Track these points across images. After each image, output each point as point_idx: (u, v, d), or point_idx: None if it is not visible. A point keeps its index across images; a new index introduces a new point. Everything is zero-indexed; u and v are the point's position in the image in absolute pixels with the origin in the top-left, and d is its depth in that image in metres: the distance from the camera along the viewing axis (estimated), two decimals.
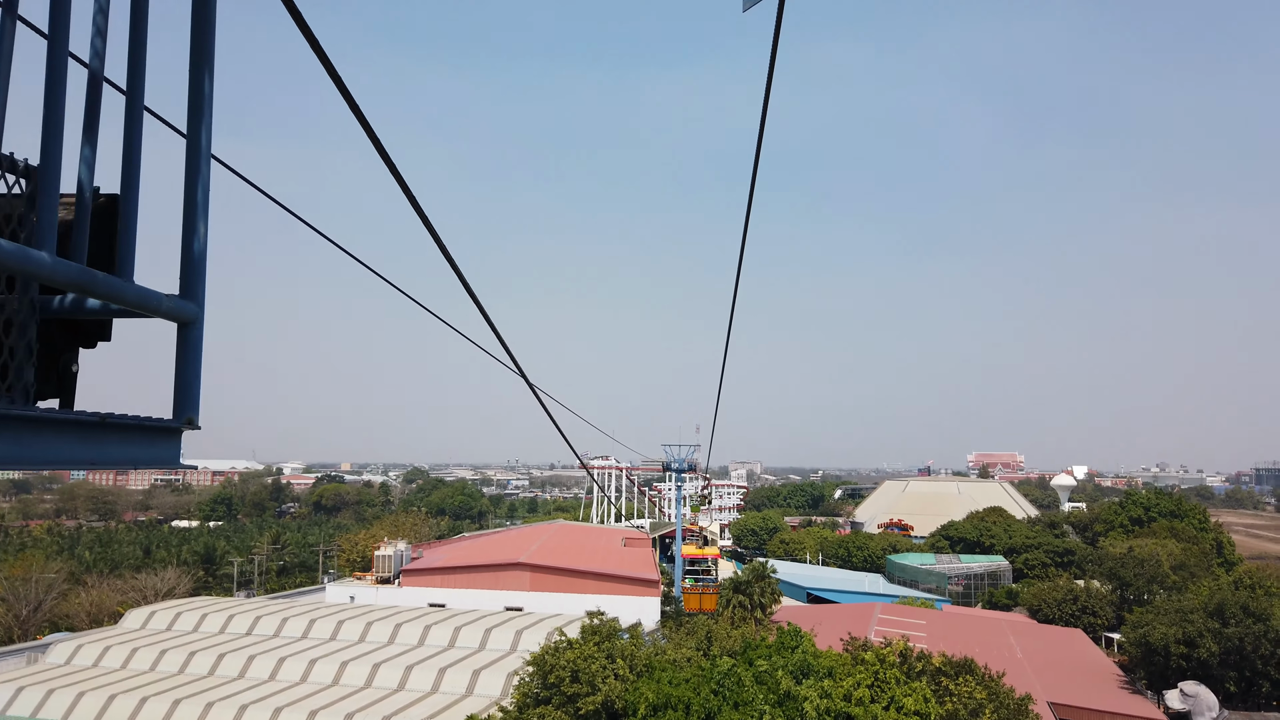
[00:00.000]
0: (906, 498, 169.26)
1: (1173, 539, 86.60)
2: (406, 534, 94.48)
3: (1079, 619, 65.69)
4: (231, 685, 37.70)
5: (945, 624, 62.10)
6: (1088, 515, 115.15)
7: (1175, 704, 43.17)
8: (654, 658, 28.82)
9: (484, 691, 36.33)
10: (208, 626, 45.19)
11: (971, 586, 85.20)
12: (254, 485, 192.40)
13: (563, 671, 26.90)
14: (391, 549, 60.43)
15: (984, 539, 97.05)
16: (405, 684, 37.39)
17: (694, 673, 26.77)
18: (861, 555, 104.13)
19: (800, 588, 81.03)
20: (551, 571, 57.46)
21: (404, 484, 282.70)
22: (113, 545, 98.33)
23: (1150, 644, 45.30)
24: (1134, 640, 47.50)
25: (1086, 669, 51.39)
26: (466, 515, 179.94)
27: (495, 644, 41.45)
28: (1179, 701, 43.06)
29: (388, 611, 47.09)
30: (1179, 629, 44.58)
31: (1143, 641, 46.04)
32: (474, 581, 58.02)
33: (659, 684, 25.53)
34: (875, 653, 24.80)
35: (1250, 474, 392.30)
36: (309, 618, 44.88)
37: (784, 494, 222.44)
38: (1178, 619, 45.43)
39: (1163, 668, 45.94)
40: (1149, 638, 45.16)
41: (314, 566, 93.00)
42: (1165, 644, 44.42)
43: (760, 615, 57.50)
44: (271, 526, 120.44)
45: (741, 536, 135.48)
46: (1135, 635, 47.15)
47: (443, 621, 43.73)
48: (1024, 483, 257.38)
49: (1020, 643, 57.11)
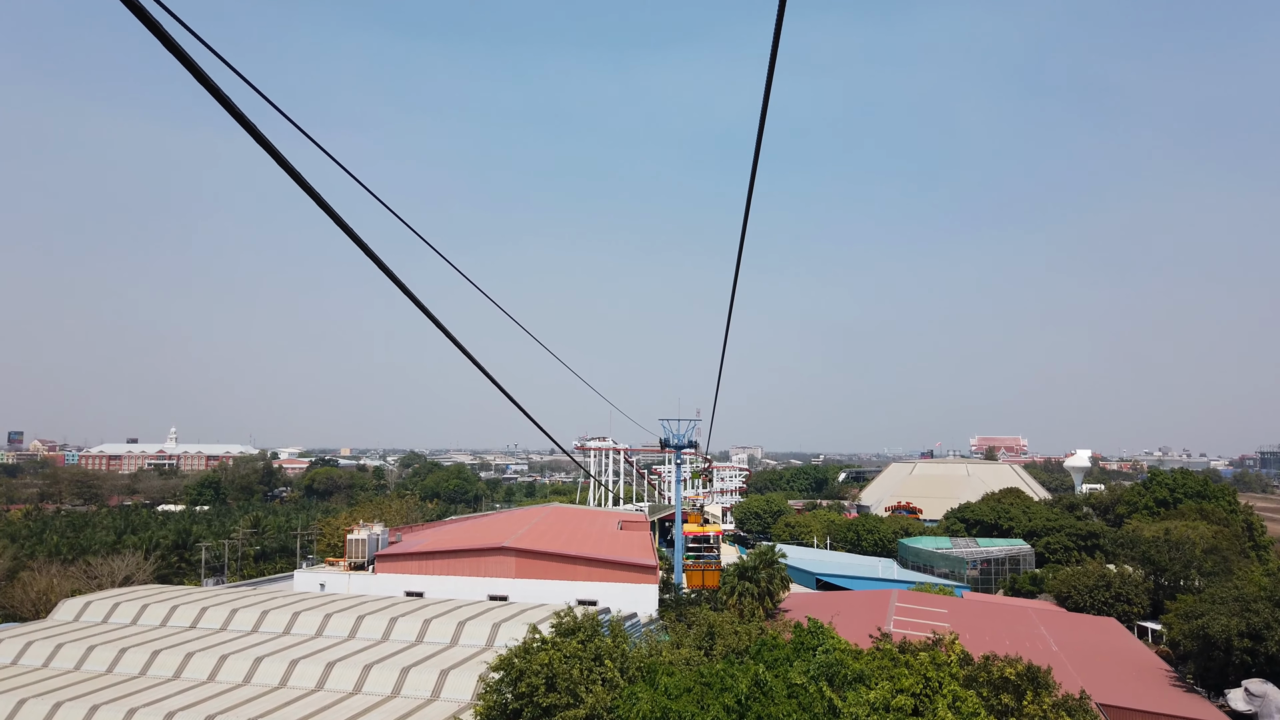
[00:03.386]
0: (914, 480, 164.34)
1: (1203, 521, 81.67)
2: (392, 517, 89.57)
3: (1112, 607, 60.74)
4: (163, 687, 32.70)
5: (969, 613, 57.20)
6: (1108, 497, 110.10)
7: (1240, 705, 38.08)
8: (650, 658, 23.67)
9: (452, 695, 31.34)
10: (148, 619, 40.19)
11: (991, 571, 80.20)
12: (244, 469, 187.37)
13: (535, 678, 21.80)
14: (365, 533, 55.39)
15: (1002, 521, 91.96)
16: (362, 686, 32.37)
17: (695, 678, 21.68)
18: (872, 539, 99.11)
19: (809, 573, 76.12)
20: (539, 557, 52.45)
21: (400, 468, 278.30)
22: (85, 530, 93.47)
23: (1209, 636, 40.24)
24: (1187, 632, 42.46)
25: (1130, 663, 46.40)
26: (461, 499, 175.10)
27: (469, 639, 36.45)
28: (1244, 702, 37.97)
29: (351, 602, 42.07)
30: (1241, 620, 39.49)
31: (1199, 633, 40.98)
32: (455, 568, 53.06)
33: (656, 692, 20.43)
34: (932, 655, 19.63)
35: (1255, 457, 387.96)
36: (261, 609, 39.85)
37: (787, 477, 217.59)
38: (1238, 609, 40.33)
39: (1222, 663, 40.91)
40: (1208, 629, 40.09)
41: (296, 552, 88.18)
42: (1227, 636, 39.36)
43: (769, 604, 52.56)
44: (254, 510, 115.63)
45: (745, 520, 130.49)
46: (1189, 627, 42.08)
47: (411, 614, 38.70)
48: (1029, 466, 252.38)
49: (1053, 633, 52.14)
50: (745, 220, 10.05)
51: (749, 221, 10.10)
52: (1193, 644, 42.14)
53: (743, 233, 10.42)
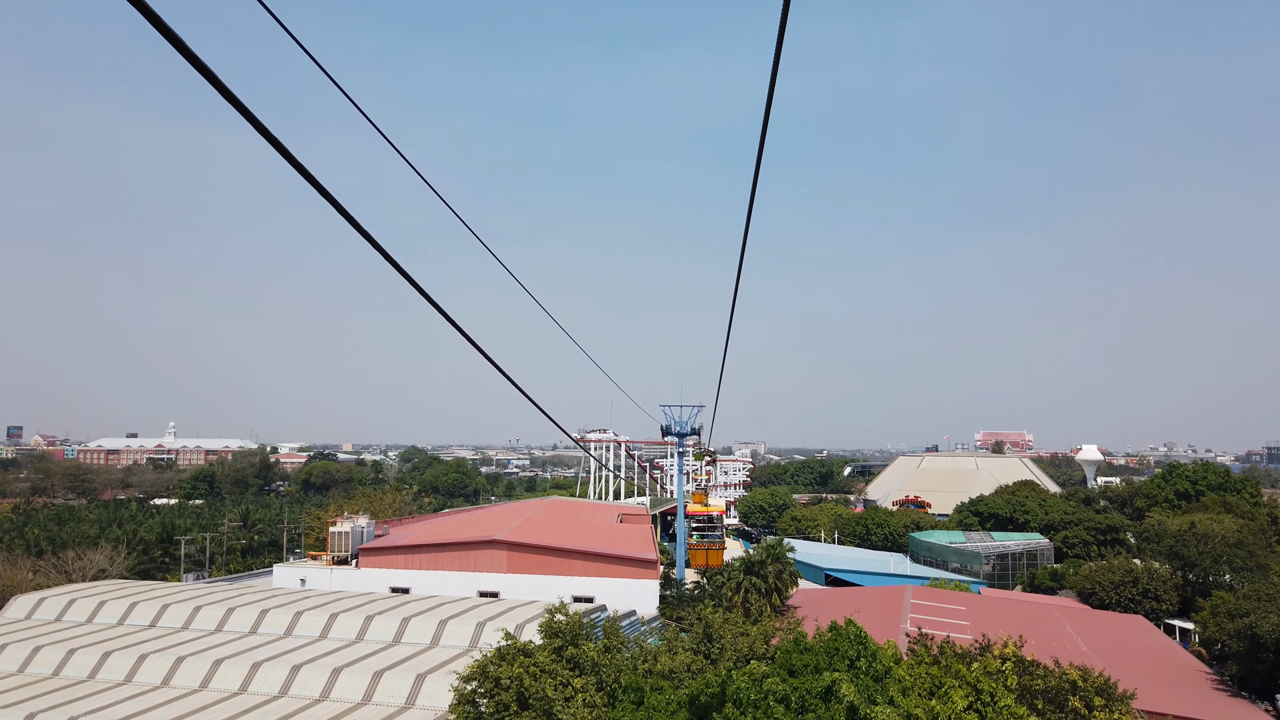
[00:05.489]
0: (921, 474, 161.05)
1: (1227, 514, 78.30)
2: (384, 510, 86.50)
3: (1139, 604, 57.46)
4: (111, 693, 29.63)
5: (988, 610, 53.96)
6: (1125, 490, 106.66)
7: None
8: (640, 668, 20.41)
9: (429, 702, 28.22)
10: (104, 617, 37.09)
11: (1008, 566, 76.87)
12: (241, 463, 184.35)
13: (506, 695, 18.58)
14: (349, 525, 52.23)
15: (1017, 515, 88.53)
16: (330, 692, 29.26)
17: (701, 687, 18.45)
18: (881, 533, 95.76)
19: (817, 568, 72.85)
20: (532, 550, 49.30)
21: (401, 463, 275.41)
22: (68, 523, 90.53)
23: (1257, 636, 36.96)
24: (1232, 631, 39.15)
25: (1167, 665, 43.12)
26: (460, 494, 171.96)
27: (451, 639, 33.32)
28: None
29: (326, 599, 38.94)
30: None
31: (1246, 633, 37.67)
32: (443, 562, 49.95)
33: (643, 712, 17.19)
34: (985, 663, 16.42)
35: (1261, 452, 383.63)
36: (227, 606, 36.74)
37: (791, 471, 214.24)
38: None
39: (1271, 665, 37.68)
40: (1257, 629, 36.81)
41: (283, 546, 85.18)
42: (1278, 637, 36.06)
43: (777, 601, 49.36)
44: (245, 504, 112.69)
45: (749, 514, 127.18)
46: (1234, 626, 38.79)
47: (388, 612, 35.56)
48: (1037, 460, 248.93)
49: (1080, 632, 48.90)
50: (749, 215, 10.03)
51: (752, 216, 10.06)
52: (1238, 644, 38.85)
53: (746, 227, 10.35)
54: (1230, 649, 40.32)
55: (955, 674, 16.77)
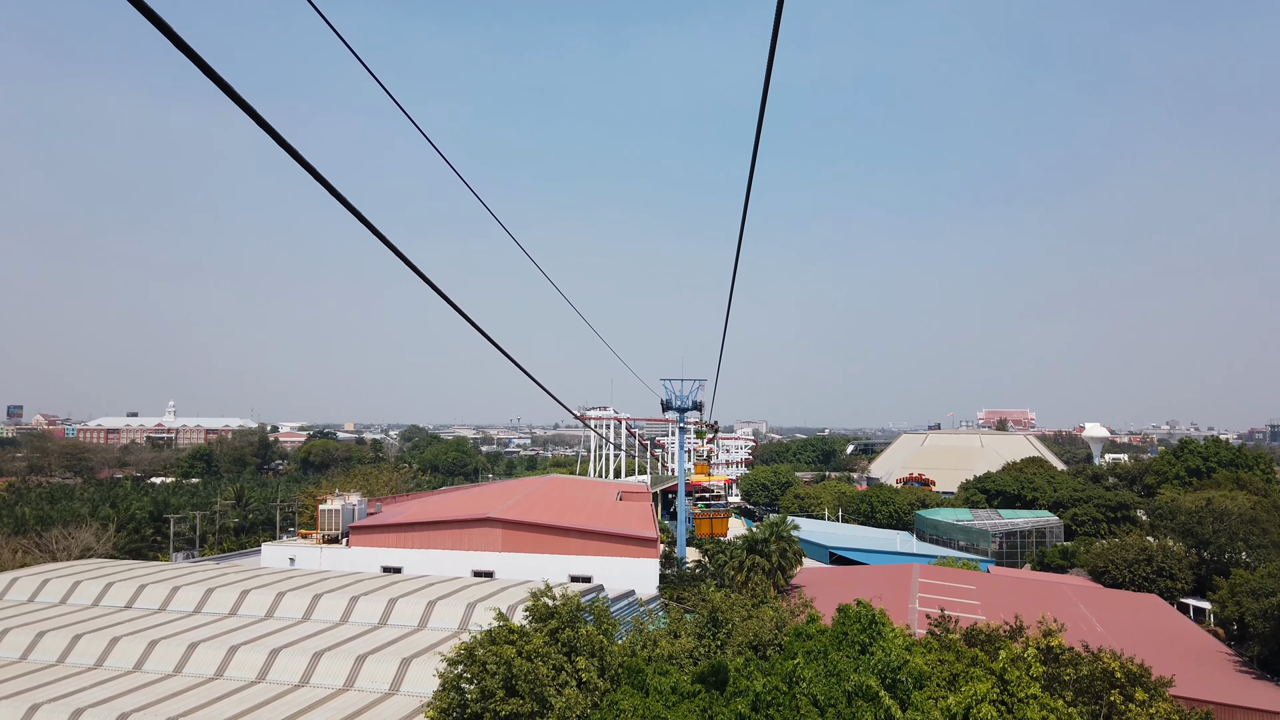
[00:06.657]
0: (925, 452, 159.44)
1: (1241, 491, 76.69)
2: (380, 488, 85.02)
3: (1154, 583, 55.91)
4: (80, 677, 28.04)
5: (998, 589, 52.40)
6: (1134, 467, 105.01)
7: None
8: (639, 653, 18.70)
9: (414, 688, 26.60)
10: (79, 598, 35.50)
11: (1016, 544, 75.32)
12: (239, 441, 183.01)
13: (491, 681, 16.87)
14: (339, 502, 50.59)
15: (1025, 492, 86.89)
16: (310, 677, 27.65)
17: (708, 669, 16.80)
18: (886, 511, 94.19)
19: (821, 547, 71.33)
20: (528, 529, 47.69)
21: (401, 442, 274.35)
22: (60, 502, 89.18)
23: None
24: (1258, 611, 37.54)
25: (1186, 645, 41.55)
26: (460, 472, 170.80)
27: (440, 621, 31.70)
28: None
29: (311, 579, 37.34)
30: None
31: (1273, 613, 36.03)
32: (436, 540, 48.38)
33: (646, 698, 15.57)
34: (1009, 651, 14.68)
35: (1265, 430, 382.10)
36: (206, 586, 35.13)
37: (793, 449, 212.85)
38: None
39: None
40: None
41: (276, 525, 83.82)
42: None
43: (780, 580, 47.80)
44: (241, 482, 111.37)
45: (751, 492, 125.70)
46: (1260, 606, 37.19)
47: (375, 592, 33.95)
48: (1041, 438, 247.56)
49: (1095, 613, 47.31)
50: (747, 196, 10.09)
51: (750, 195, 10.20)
52: (1263, 625, 37.23)
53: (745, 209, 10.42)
54: (1255, 629, 38.70)
55: (978, 662, 15.05)
